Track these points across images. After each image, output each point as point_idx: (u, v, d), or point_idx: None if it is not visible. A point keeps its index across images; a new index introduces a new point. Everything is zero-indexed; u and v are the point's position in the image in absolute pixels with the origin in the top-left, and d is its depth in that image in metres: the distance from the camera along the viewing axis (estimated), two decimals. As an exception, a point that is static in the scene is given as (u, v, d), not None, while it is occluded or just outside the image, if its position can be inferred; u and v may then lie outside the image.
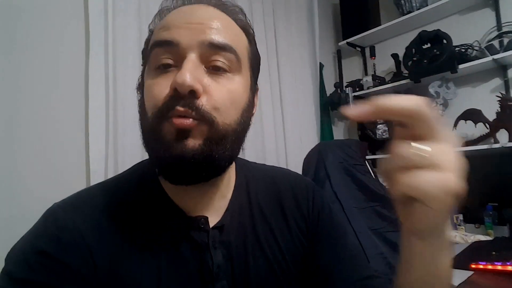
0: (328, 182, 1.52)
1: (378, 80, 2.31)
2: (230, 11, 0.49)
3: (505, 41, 1.80)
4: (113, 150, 1.32)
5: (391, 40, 2.38)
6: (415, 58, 1.98)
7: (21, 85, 1.16)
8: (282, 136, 2.05)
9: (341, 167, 1.56)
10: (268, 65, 2.02)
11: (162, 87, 0.42)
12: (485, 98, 1.90)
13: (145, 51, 0.49)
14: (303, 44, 2.31)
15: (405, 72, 2.13)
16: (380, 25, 2.30)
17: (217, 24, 0.44)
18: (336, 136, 2.49)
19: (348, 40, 2.43)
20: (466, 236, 1.58)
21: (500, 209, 1.61)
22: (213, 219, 0.50)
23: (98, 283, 0.42)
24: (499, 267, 1.13)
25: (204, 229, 0.48)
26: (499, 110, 1.73)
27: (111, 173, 1.29)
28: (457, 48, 1.89)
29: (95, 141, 1.28)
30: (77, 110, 1.29)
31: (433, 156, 0.28)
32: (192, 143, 0.41)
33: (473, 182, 0.29)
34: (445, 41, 1.86)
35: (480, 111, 1.80)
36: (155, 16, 0.50)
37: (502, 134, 1.75)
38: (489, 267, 1.15)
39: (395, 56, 2.21)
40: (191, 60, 0.42)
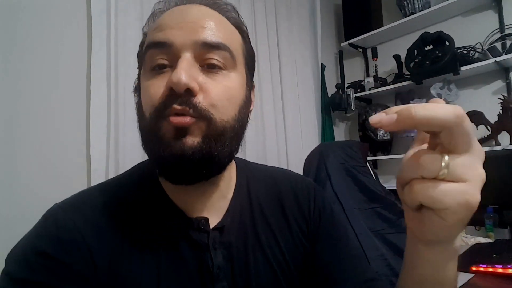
0: (329, 183, 1.51)
1: (380, 81, 2.31)
2: (222, 9, 0.49)
3: (508, 43, 1.80)
4: (114, 150, 1.32)
5: (393, 41, 2.37)
6: (417, 60, 1.98)
7: (22, 84, 1.16)
8: (283, 136, 2.05)
9: (342, 168, 1.56)
10: (270, 65, 2.02)
11: (158, 87, 0.42)
12: (487, 100, 1.90)
13: (140, 54, 0.49)
14: (305, 45, 2.31)
15: (407, 73, 2.12)
16: (382, 26, 2.30)
17: (210, 23, 0.44)
18: (337, 137, 2.49)
19: (350, 41, 2.43)
20: (466, 239, 1.57)
21: (501, 212, 1.61)
22: (213, 219, 0.49)
23: (98, 283, 0.42)
24: (499, 270, 1.13)
25: (204, 230, 0.48)
26: (501, 112, 1.74)
27: (112, 173, 1.29)
28: (459, 50, 1.89)
29: (96, 141, 1.29)
30: (78, 110, 1.30)
31: (461, 171, 0.27)
32: (191, 141, 0.41)
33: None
34: (447, 43, 1.86)
35: (482, 113, 1.79)
36: (149, 19, 0.50)
37: (503, 137, 1.75)
38: (490, 269, 1.14)
39: (397, 57, 2.21)
40: (186, 59, 0.42)
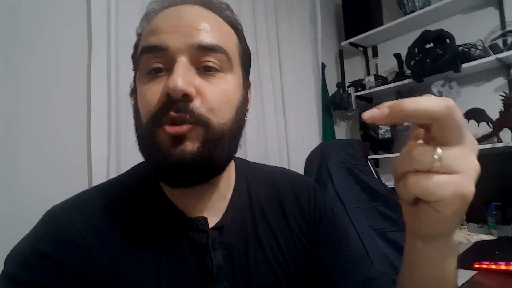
0: (330, 182, 1.51)
1: (380, 80, 2.30)
2: (217, 8, 0.48)
3: (509, 40, 1.79)
4: (115, 151, 1.32)
5: (394, 40, 2.37)
6: (417, 58, 1.97)
7: (22, 85, 1.16)
8: (284, 136, 2.05)
9: (343, 167, 1.56)
10: (270, 66, 2.02)
11: (154, 92, 0.42)
12: (488, 97, 1.89)
13: (135, 56, 0.48)
14: (305, 44, 2.31)
15: (407, 71, 2.12)
16: (382, 24, 2.29)
17: (204, 25, 0.44)
18: (338, 136, 2.49)
19: (350, 40, 2.43)
20: (469, 236, 1.57)
21: (504, 209, 1.60)
22: (212, 220, 0.49)
23: (99, 283, 0.42)
24: (502, 267, 1.12)
25: (203, 230, 0.48)
26: (503, 109, 1.73)
27: (113, 174, 1.29)
28: (460, 47, 1.88)
29: (97, 142, 1.28)
30: (78, 111, 1.29)
31: (453, 162, 0.27)
32: (190, 146, 0.40)
33: (476, 182, 0.28)
34: (448, 41, 1.85)
35: (483, 110, 1.79)
36: (142, 20, 0.49)
37: (505, 134, 1.75)
38: (493, 266, 1.14)
39: (397, 55, 2.20)
40: (182, 64, 0.41)
